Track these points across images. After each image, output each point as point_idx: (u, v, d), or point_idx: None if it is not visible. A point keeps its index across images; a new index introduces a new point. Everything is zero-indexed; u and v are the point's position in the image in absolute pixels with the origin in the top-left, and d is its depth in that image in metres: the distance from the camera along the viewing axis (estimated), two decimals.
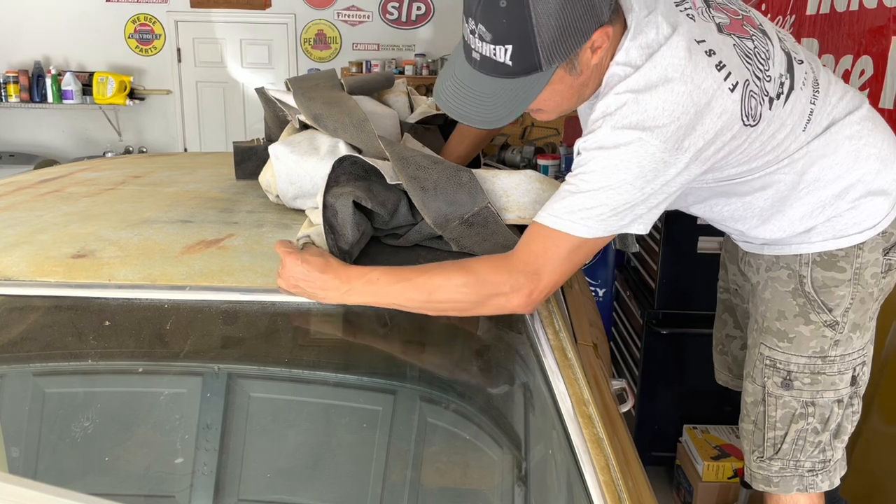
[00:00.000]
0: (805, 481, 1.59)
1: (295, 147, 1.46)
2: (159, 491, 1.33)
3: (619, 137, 1.17)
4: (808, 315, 1.50)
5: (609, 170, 1.18)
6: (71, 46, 6.90)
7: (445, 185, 1.26)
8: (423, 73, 6.87)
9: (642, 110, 1.16)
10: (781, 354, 1.54)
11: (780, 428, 1.56)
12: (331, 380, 1.44)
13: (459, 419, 1.31)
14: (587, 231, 1.20)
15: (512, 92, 1.16)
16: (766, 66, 1.29)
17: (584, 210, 1.19)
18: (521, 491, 1.19)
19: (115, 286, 1.18)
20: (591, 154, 1.19)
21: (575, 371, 1.13)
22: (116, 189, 1.70)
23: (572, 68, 1.18)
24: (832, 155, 1.41)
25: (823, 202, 1.43)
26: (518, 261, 1.21)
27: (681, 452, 2.74)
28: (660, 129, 1.16)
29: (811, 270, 1.49)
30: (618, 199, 1.18)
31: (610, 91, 1.20)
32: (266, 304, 1.20)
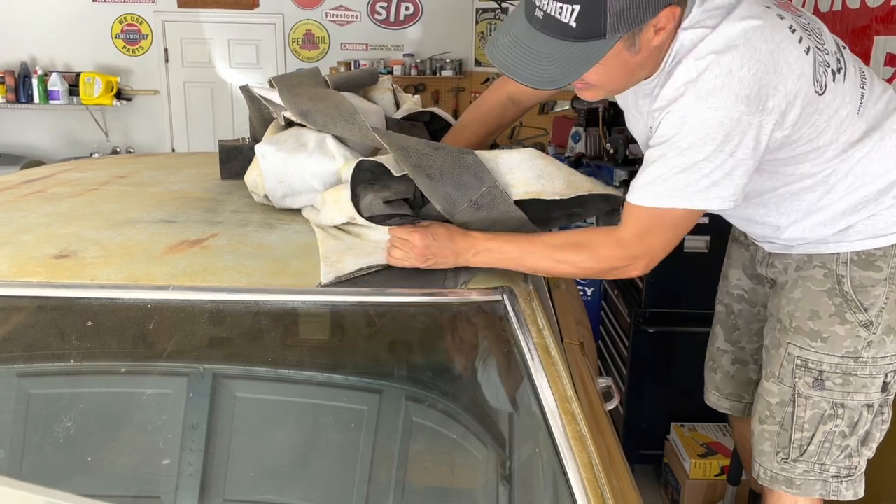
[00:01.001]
0: (829, 486, 1.57)
1: (281, 145, 1.46)
2: (145, 492, 1.33)
3: (705, 107, 1.18)
4: (845, 315, 1.49)
5: (699, 142, 1.19)
6: (57, 47, 6.85)
7: (451, 170, 1.26)
8: (411, 73, 6.87)
9: (726, 72, 1.17)
10: (814, 354, 1.52)
11: (807, 429, 1.54)
12: (316, 379, 1.44)
13: (444, 418, 1.32)
14: (690, 203, 1.24)
15: (570, 56, 1.14)
16: (821, 41, 1.31)
17: (683, 185, 1.22)
18: (506, 489, 1.20)
19: (98, 286, 1.18)
20: (676, 128, 1.21)
21: (558, 369, 1.13)
22: (100, 189, 1.69)
23: (632, 44, 1.17)
24: (881, 149, 1.41)
25: (868, 197, 1.43)
26: (630, 241, 1.29)
27: (668, 450, 2.75)
28: (745, 93, 1.17)
29: (850, 269, 1.48)
30: (712, 168, 1.21)
31: (687, 55, 1.20)
32: (250, 303, 1.20)
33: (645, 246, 1.29)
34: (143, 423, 1.35)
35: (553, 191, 1.30)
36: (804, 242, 1.52)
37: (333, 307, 1.25)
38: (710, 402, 1.95)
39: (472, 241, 1.27)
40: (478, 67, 6.94)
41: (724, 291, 1.88)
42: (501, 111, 1.68)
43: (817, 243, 1.50)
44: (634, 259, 1.30)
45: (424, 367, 1.38)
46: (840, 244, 1.48)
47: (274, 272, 1.22)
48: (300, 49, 7.07)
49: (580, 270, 1.36)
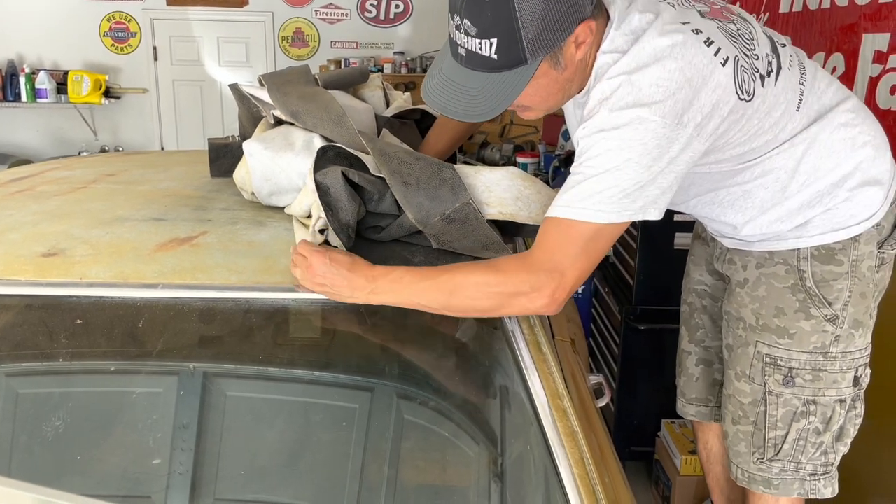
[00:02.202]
0: (807, 485, 1.57)
1: (269, 143, 1.45)
2: (135, 491, 1.32)
3: (619, 118, 1.18)
4: (809, 310, 1.49)
5: (613, 151, 1.18)
6: (45, 45, 6.81)
7: (428, 181, 1.26)
8: (401, 70, 6.86)
9: (637, 89, 1.17)
10: (782, 351, 1.52)
11: (780, 427, 1.54)
12: (307, 378, 1.44)
13: (436, 416, 1.31)
14: (600, 216, 1.19)
15: (498, 86, 1.17)
16: (751, 45, 1.31)
17: (595, 195, 1.18)
18: (498, 487, 1.19)
19: (87, 284, 1.17)
20: (592, 139, 1.20)
21: (550, 365, 1.13)
22: (88, 187, 1.68)
23: (557, 63, 1.19)
24: (828, 142, 1.41)
25: (821, 192, 1.43)
26: (536, 259, 1.20)
27: (659, 447, 2.75)
28: (657, 105, 1.17)
29: (810, 265, 1.48)
30: (626, 179, 1.18)
31: (602, 77, 1.21)
32: (240, 301, 1.20)
33: (552, 265, 1.20)
34: (134, 422, 1.34)
35: (528, 215, 1.30)
36: (763, 239, 1.52)
37: (324, 305, 1.25)
38: (678, 409, 1.95)
39: (374, 275, 1.21)
40: None
41: (688, 290, 1.87)
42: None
43: (776, 240, 1.50)
44: (541, 284, 1.19)
45: (416, 365, 1.38)
46: (799, 240, 1.48)
47: (263, 270, 1.21)
48: (290, 47, 7.05)
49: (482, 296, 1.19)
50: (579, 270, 1.21)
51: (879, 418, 2.03)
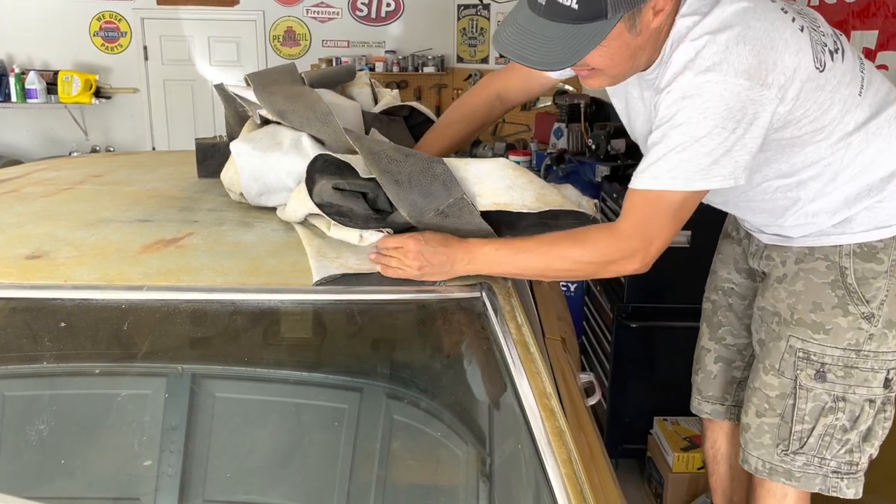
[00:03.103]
0: (829, 482, 1.57)
1: (257, 143, 1.45)
2: (124, 493, 1.31)
3: (703, 81, 1.19)
4: (847, 307, 1.50)
5: (699, 118, 1.20)
6: (35, 44, 6.77)
7: (419, 178, 1.26)
8: (393, 69, 6.85)
9: (723, 49, 1.19)
10: (816, 346, 1.53)
11: (808, 421, 1.55)
12: (296, 378, 1.43)
13: (425, 416, 1.31)
14: (690, 184, 1.23)
15: (573, 38, 1.17)
16: (816, 23, 1.34)
17: (682, 164, 1.21)
18: (486, 486, 1.19)
19: (71, 287, 1.16)
20: (677, 105, 1.22)
21: (537, 365, 1.12)
22: (74, 188, 1.67)
23: (633, 25, 1.19)
24: (886, 136, 1.43)
25: (870, 186, 1.44)
26: (626, 230, 1.27)
27: (651, 444, 2.76)
28: (744, 68, 1.19)
29: (853, 262, 1.49)
30: (713, 145, 1.20)
31: (683, 39, 1.23)
32: (226, 302, 1.19)
33: (642, 235, 1.27)
34: (122, 424, 1.34)
35: (522, 203, 1.30)
36: (805, 234, 1.53)
37: (311, 305, 1.24)
38: (692, 406, 1.95)
39: (468, 247, 1.25)
40: (460, 64, 6.93)
41: (712, 287, 1.88)
42: (488, 109, 1.67)
43: (818, 235, 1.51)
44: (632, 251, 1.27)
45: (404, 365, 1.37)
46: (842, 236, 1.49)
47: (250, 271, 1.21)
48: (281, 46, 7.03)
49: (577, 267, 1.31)
50: (668, 235, 1.28)
51: None
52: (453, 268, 1.24)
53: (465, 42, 6.90)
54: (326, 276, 1.18)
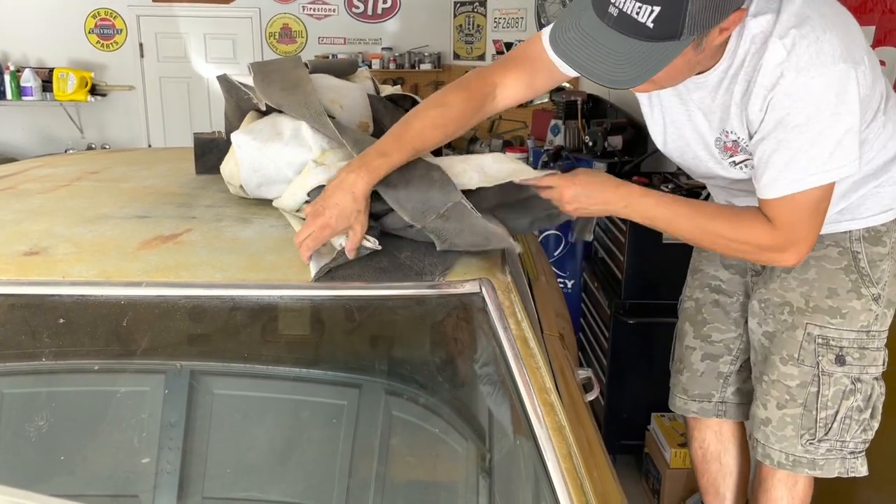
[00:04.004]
0: (847, 464, 1.62)
1: (257, 134, 1.44)
2: (123, 491, 1.31)
3: (809, 79, 1.21)
4: (860, 290, 1.55)
5: (815, 113, 1.22)
6: (30, 42, 6.74)
7: (417, 183, 1.25)
8: (390, 66, 6.84)
9: (814, 40, 1.21)
10: (834, 331, 1.56)
11: (831, 406, 1.58)
12: (295, 375, 1.43)
13: (424, 412, 1.31)
14: (827, 176, 1.27)
15: (644, 56, 1.13)
16: None
17: (816, 160, 1.25)
18: (486, 482, 1.19)
19: (69, 283, 1.16)
20: (787, 109, 1.24)
21: (537, 360, 1.12)
22: (71, 185, 1.67)
23: (699, 44, 1.18)
24: (893, 120, 1.47)
25: (877, 169, 1.49)
26: (780, 231, 1.33)
27: (649, 440, 2.76)
28: (837, 52, 1.21)
29: (863, 246, 1.54)
30: (837, 132, 1.24)
31: (769, 38, 1.23)
32: (224, 299, 1.18)
33: (795, 234, 1.32)
34: (120, 421, 1.33)
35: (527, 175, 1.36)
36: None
37: (310, 301, 1.24)
38: (675, 406, 1.94)
39: (627, 193, 1.36)
40: (456, 61, 6.92)
41: (696, 286, 1.88)
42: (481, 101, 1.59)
43: (829, 224, 1.52)
44: (784, 248, 1.34)
45: (403, 361, 1.37)
46: (852, 222, 1.54)
47: (249, 267, 1.20)
48: (277, 43, 7.02)
49: (728, 247, 1.40)
50: (817, 228, 1.34)
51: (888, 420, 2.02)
52: (607, 209, 1.37)
53: (462, 39, 6.89)
54: (322, 268, 1.18)
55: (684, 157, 1.54)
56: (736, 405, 1.87)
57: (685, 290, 1.92)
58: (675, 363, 1.94)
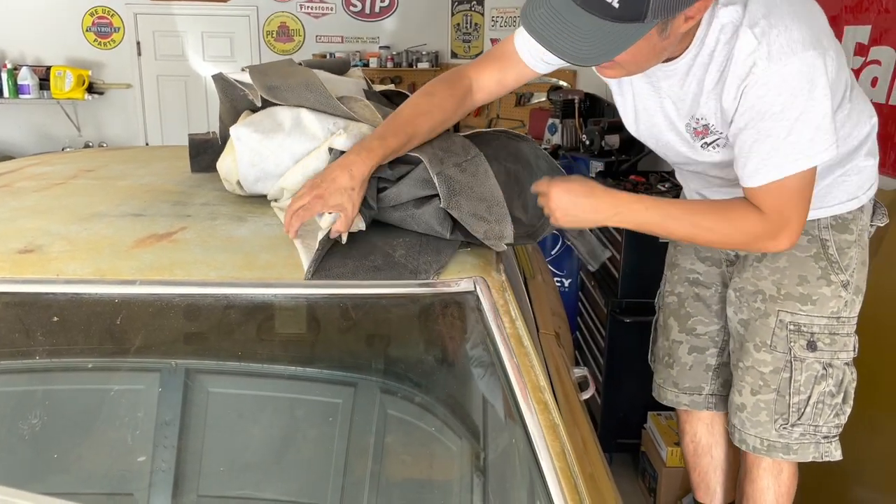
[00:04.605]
0: (821, 448, 1.65)
1: (257, 126, 1.43)
2: (118, 489, 1.31)
3: (782, 66, 1.23)
4: (829, 276, 1.58)
5: (791, 100, 1.24)
6: (27, 40, 6.73)
7: (439, 141, 1.32)
8: (387, 65, 6.83)
9: (783, 28, 1.23)
10: (804, 318, 1.60)
11: (803, 392, 1.61)
12: (289, 373, 1.43)
13: (418, 410, 1.31)
14: (809, 161, 1.29)
15: (607, 35, 1.15)
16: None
17: (797, 145, 1.27)
18: (480, 480, 1.19)
19: (63, 281, 1.16)
20: (764, 98, 1.26)
21: (531, 359, 1.13)
22: (67, 183, 1.66)
23: (664, 29, 1.20)
24: (858, 108, 1.51)
25: (842, 156, 1.51)
26: (769, 218, 1.34)
27: (645, 439, 2.77)
28: (807, 39, 1.23)
29: (831, 234, 1.58)
30: (815, 117, 1.26)
31: (736, 30, 1.26)
32: (219, 297, 1.19)
33: (784, 219, 1.34)
34: (115, 419, 1.33)
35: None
36: None
37: (304, 300, 1.24)
38: (666, 399, 1.95)
39: (616, 200, 1.36)
40: (454, 59, 6.92)
41: (677, 280, 1.90)
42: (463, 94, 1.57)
43: None
44: (775, 234, 1.35)
45: (398, 359, 1.37)
46: (820, 210, 1.56)
47: (243, 265, 1.20)
48: (275, 42, 7.01)
49: (722, 241, 1.45)
50: (805, 210, 1.36)
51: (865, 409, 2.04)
52: (596, 218, 1.36)
53: (460, 38, 6.89)
54: (312, 263, 1.17)
55: (658, 143, 1.57)
56: (726, 397, 1.88)
57: (665, 284, 1.95)
58: (662, 357, 1.95)
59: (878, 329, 1.98)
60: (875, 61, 2.22)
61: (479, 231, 1.28)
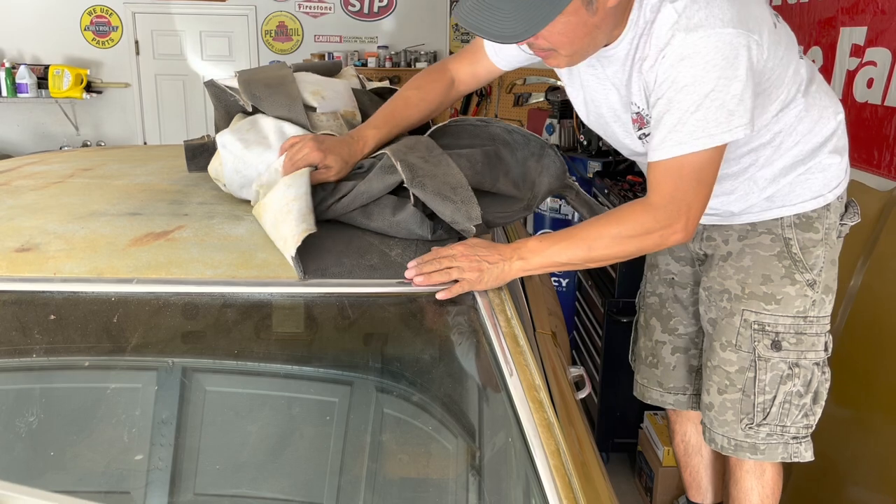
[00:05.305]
0: (790, 448, 1.63)
1: (242, 135, 1.45)
2: (114, 487, 1.31)
3: (697, 38, 1.22)
4: (794, 275, 1.57)
5: (702, 74, 1.22)
6: (25, 39, 6.73)
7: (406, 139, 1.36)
8: (385, 65, 6.83)
9: (705, 6, 1.22)
10: (769, 317, 1.59)
11: (768, 391, 1.60)
12: (286, 372, 1.43)
13: (415, 409, 1.31)
14: (712, 141, 1.24)
15: (530, 10, 1.17)
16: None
17: (702, 123, 1.23)
18: (476, 479, 1.20)
19: (60, 279, 1.16)
20: (676, 69, 1.24)
21: (526, 357, 1.13)
22: (64, 182, 1.66)
23: (589, 3, 1.20)
24: (819, 105, 1.50)
25: (805, 154, 1.51)
26: (659, 201, 1.28)
27: (642, 438, 2.77)
28: (728, 17, 1.22)
29: (794, 232, 1.56)
30: (724, 97, 1.23)
31: (662, 4, 1.25)
32: (216, 295, 1.19)
33: (677, 204, 1.29)
34: (112, 418, 1.33)
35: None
36: (746, 211, 1.59)
37: (301, 298, 1.24)
38: (651, 399, 1.95)
39: (515, 246, 1.27)
40: None
41: (657, 281, 1.90)
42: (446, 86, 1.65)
43: (758, 211, 1.58)
44: (670, 221, 1.28)
45: (394, 359, 1.38)
46: (782, 209, 1.56)
47: (240, 264, 1.21)
48: (273, 41, 7.01)
49: (618, 244, 1.30)
50: (703, 198, 1.30)
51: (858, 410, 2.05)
52: (510, 267, 1.25)
53: (458, 37, 6.90)
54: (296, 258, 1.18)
55: (606, 134, 1.58)
56: None
57: (646, 285, 1.95)
58: (646, 358, 1.95)
59: (872, 330, 1.99)
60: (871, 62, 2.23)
61: (447, 212, 1.27)
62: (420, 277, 1.19)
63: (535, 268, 1.29)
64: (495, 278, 1.24)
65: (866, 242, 1.78)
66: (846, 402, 2.11)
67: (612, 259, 1.33)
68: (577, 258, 1.30)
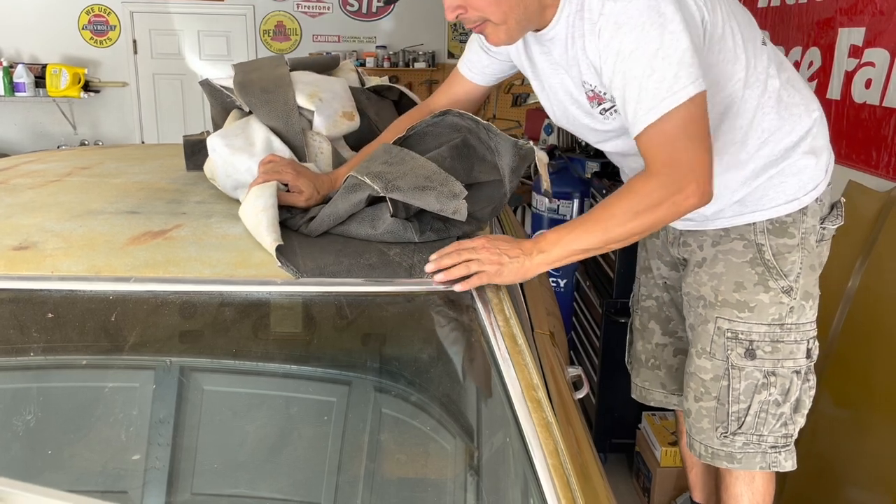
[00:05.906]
0: (768, 458, 1.60)
1: (230, 140, 1.46)
2: (112, 487, 1.31)
3: (625, 4, 1.22)
4: (767, 282, 1.53)
5: (643, 35, 1.21)
6: (23, 38, 6.72)
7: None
8: (384, 64, 6.84)
9: None
10: (742, 325, 1.55)
11: (743, 401, 1.57)
12: (284, 371, 1.43)
13: (413, 409, 1.31)
14: (678, 97, 1.22)
15: None
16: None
17: (663, 83, 1.22)
18: (474, 479, 1.20)
19: (58, 278, 1.16)
20: (617, 39, 1.23)
21: (524, 357, 1.13)
22: (62, 180, 1.66)
23: None
24: (789, 103, 1.47)
25: (776, 155, 1.48)
26: (659, 169, 1.25)
27: (640, 439, 2.77)
28: None
29: (767, 238, 1.53)
30: (677, 49, 1.21)
31: None
32: (213, 294, 1.19)
33: (676, 167, 1.25)
34: (109, 417, 1.33)
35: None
36: (718, 216, 1.56)
37: (299, 298, 1.24)
38: (655, 401, 1.94)
39: (534, 240, 1.27)
40: (451, 59, 6.93)
41: (651, 285, 1.89)
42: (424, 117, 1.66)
43: (731, 216, 1.55)
44: (678, 184, 1.24)
45: (393, 358, 1.37)
46: (754, 213, 1.53)
47: (238, 263, 1.20)
48: (271, 41, 7.01)
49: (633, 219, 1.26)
50: (703, 152, 1.25)
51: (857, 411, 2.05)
52: (531, 262, 1.25)
53: (456, 38, 6.90)
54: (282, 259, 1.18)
55: (569, 122, 1.55)
56: None
57: (641, 288, 1.93)
58: (646, 361, 1.94)
59: (871, 330, 1.99)
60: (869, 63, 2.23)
61: (431, 201, 1.25)
62: (441, 275, 1.19)
63: (556, 259, 1.27)
64: (515, 272, 1.24)
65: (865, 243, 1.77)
66: (844, 402, 2.11)
67: (631, 236, 1.29)
68: (595, 242, 1.28)
